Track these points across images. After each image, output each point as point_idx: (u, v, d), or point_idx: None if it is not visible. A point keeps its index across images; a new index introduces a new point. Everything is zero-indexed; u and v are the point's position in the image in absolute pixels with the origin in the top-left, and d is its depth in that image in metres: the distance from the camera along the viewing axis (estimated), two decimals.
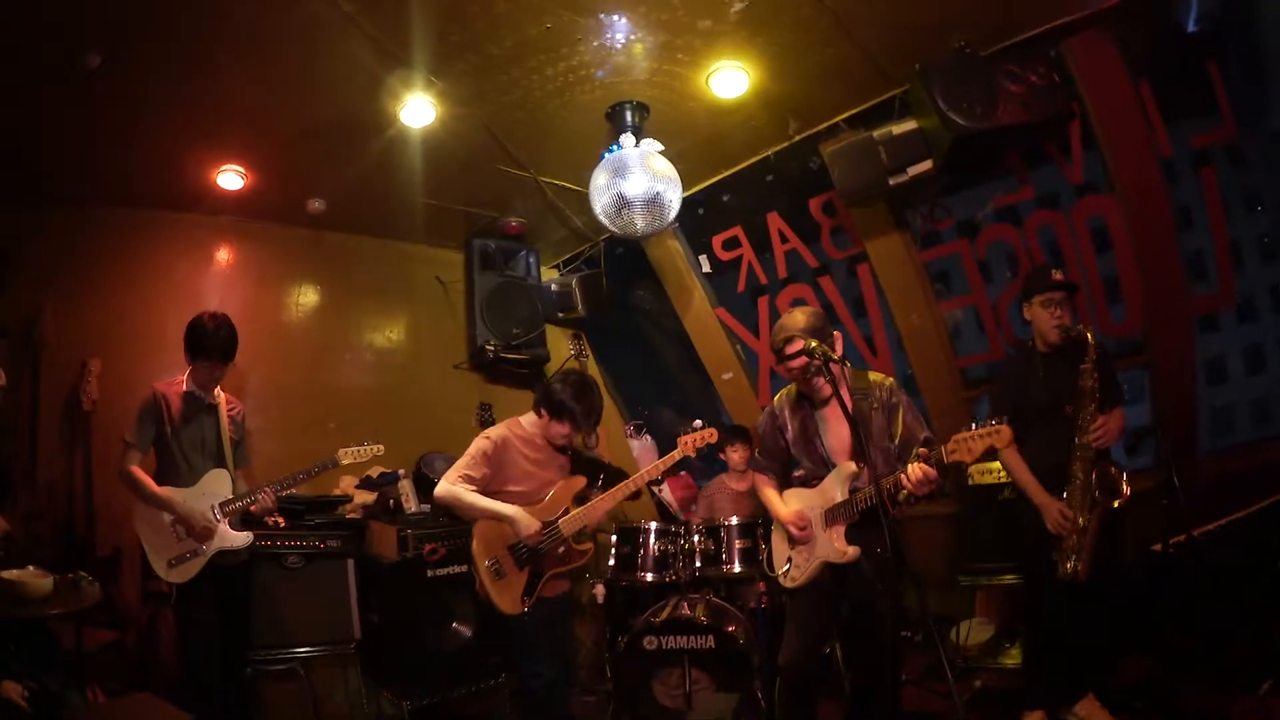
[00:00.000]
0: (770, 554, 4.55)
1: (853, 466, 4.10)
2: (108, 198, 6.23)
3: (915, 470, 3.74)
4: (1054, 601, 4.38)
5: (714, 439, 4.74)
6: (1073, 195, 5.83)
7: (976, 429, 3.59)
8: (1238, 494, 4.80)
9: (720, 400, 7.81)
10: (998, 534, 5.68)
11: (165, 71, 4.83)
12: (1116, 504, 4.18)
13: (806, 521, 4.20)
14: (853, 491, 4.07)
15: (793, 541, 4.30)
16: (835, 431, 4.23)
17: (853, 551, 4.03)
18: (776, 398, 4.54)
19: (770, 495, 4.48)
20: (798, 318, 4.18)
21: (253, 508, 4.93)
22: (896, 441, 4.16)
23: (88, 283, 6.19)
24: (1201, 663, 4.51)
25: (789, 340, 4.11)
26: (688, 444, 4.66)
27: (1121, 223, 5.55)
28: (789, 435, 4.37)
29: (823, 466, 4.24)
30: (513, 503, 4.46)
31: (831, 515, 4.12)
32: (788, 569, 4.32)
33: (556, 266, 8.23)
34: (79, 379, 5.79)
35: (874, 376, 4.30)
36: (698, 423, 4.73)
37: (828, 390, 4.09)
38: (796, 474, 4.40)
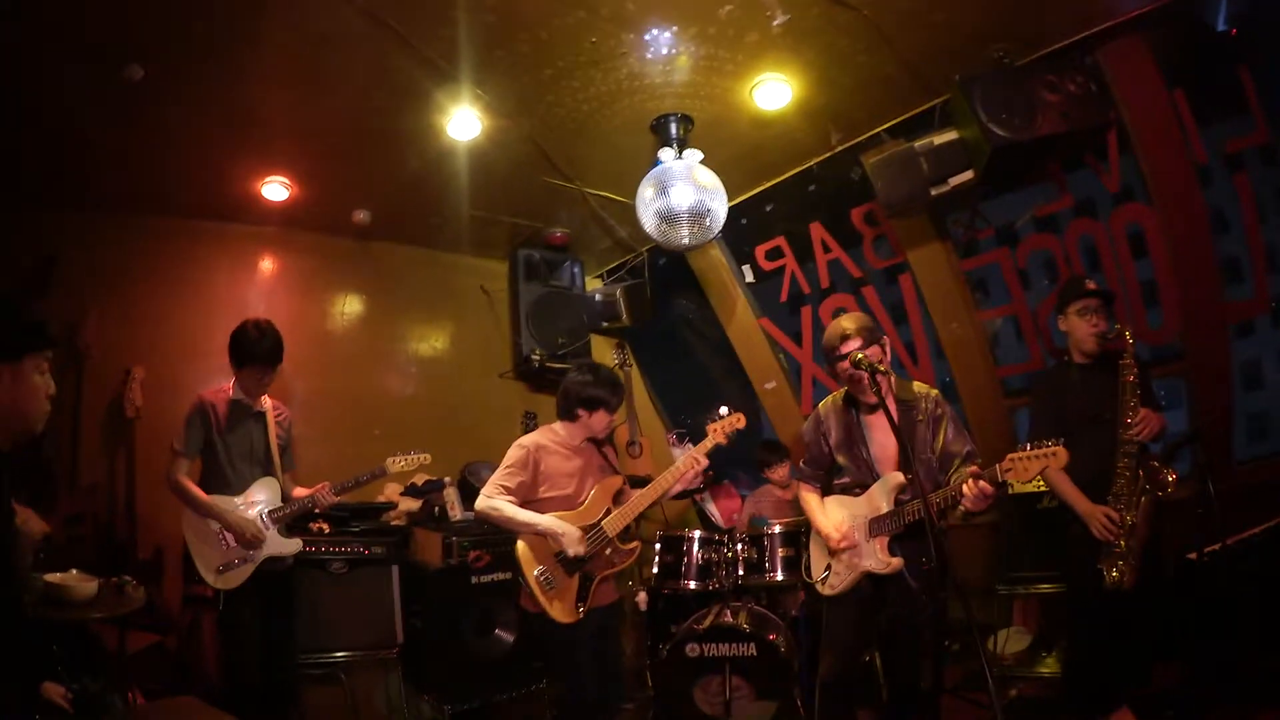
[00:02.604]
0: (809, 561, 4.57)
1: (900, 478, 4.09)
2: (153, 207, 6.34)
3: (972, 487, 3.70)
4: (1099, 613, 4.37)
5: (742, 424, 4.65)
6: (1111, 203, 5.80)
7: (1032, 449, 3.53)
8: (1274, 501, 4.75)
9: (763, 409, 7.82)
10: (1037, 543, 5.68)
11: (211, 84, 4.90)
12: (1163, 495, 4.17)
13: (847, 534, 4.22)
14: (899, 503, 4.07)
15: (831, 552, 4.31)
16: (880, 440, 4.24)
17: (897, 563, 4.04)
18: (822, 404, 4.55)
19: (813, 504, 4.50)
20: (852, 320, 4.22)
21: (317, 508, 5.03)
22: (937, 454, 4.16)
23: (132, 290, 6.29)
24: (1234, 673, 4.46)
25: (845, 338, 4.13)
26: (717, 430, 4.61)
27: (1158, 229, 5.54)
28: (833, 441, 4.38)
29: (868, 475, 4.24)
30: (554, 508, 4.45)
31: (876, 526, 4.12)
32: (826, 576, 4.33)
33: (601, 276, 8.30)
34: (122, 385, 5.89)
35: (919, 387, 4.30)
36: (724, 409, 4.67)
37: (874, 397, 4.07)
38: (839, 481, 4.41)
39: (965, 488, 3.72)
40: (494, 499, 4.42)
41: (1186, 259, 5.45)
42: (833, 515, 4.35)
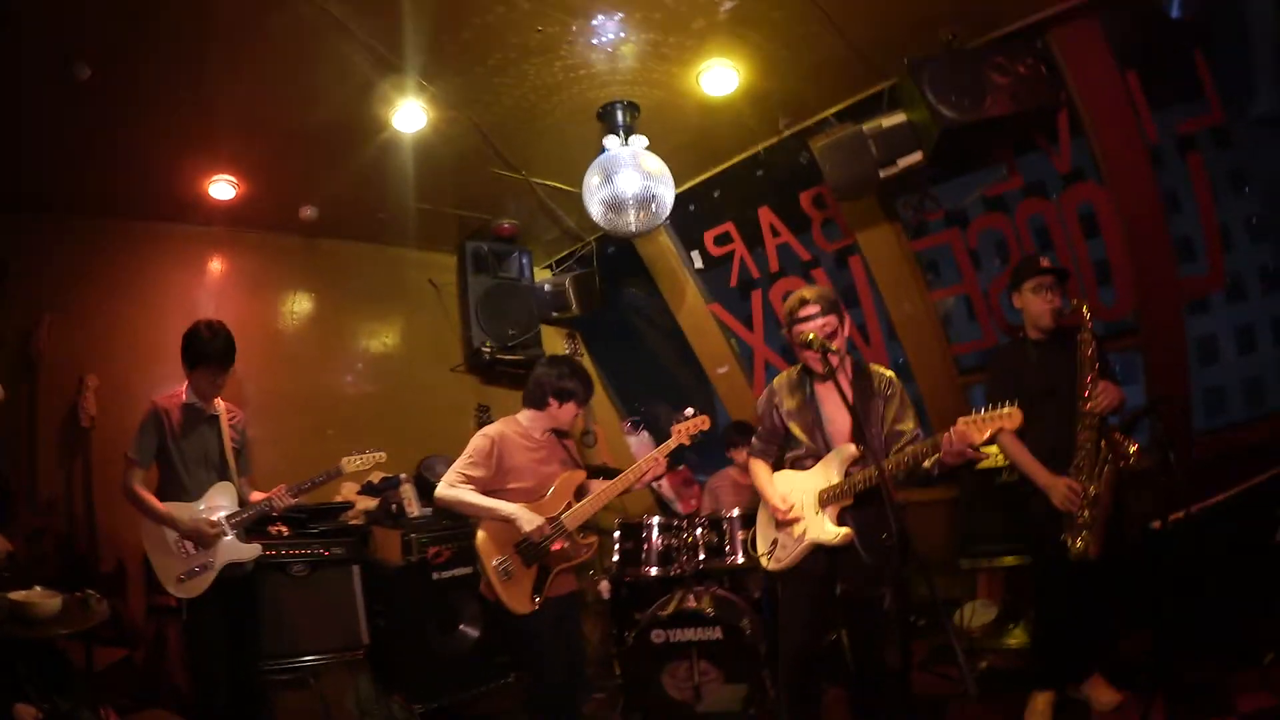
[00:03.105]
0: (754, 535, 4.56)
1: (853, 449, 4.08)
2: (100, 209, 6.23)
3: (955, 436, 3.63)
4: (1064, 583, 4.40)
5: (706, 426, 4.73)
6: (1061, 183, 5.87)
7: (986, 412, 3.58)
8: (1232, 472, 4.82)
9: (716, 394, 7.86)
10: (997, 516, 5.73)
11: (156, 80, 4.82)
12: (1125, 464, 4.19)
13: (793, 505, 4.19)
14: (848, 474, 4.07)
15: (779, 524, 4.29)
16: (832, 413, 4.22)
17: (846, 533, 4.01)
18: (777, 379, 4.53)
19: (763, 476, 4.46)
20: (811, 290, 4.22)
21: (274, 511, 4.96)
22: (885, 428, 4.18)
23: (82, 296, 6.17)
24: (1202, 637, 4.53)
25: (804, 304, 4.12)
26: (681, 432, 4.68)
27: (1110, 209, 5.60)
28: (785, 411, 4.36)
29: (822, 446, 4.22)
30: (515, 499, 4.44)
31: (826, 497, 4.10)
32: (772, 550, 4.32)
33: (549, 267, 8.27)
34: (76, 394, 5.78)
35: (875, 368, 4.32)
36: (689, 411, 4.75)
37: (819, 368, 4.11)
38: (792, 453, 4.39)
39: (951, 433, 3.66)
40: (455, 486, 4.41)
41: (1140, 237, 5.52)
42: (781, 487, 4.33)
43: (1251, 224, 39.39)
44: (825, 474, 4.15)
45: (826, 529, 4.07)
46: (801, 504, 4.20)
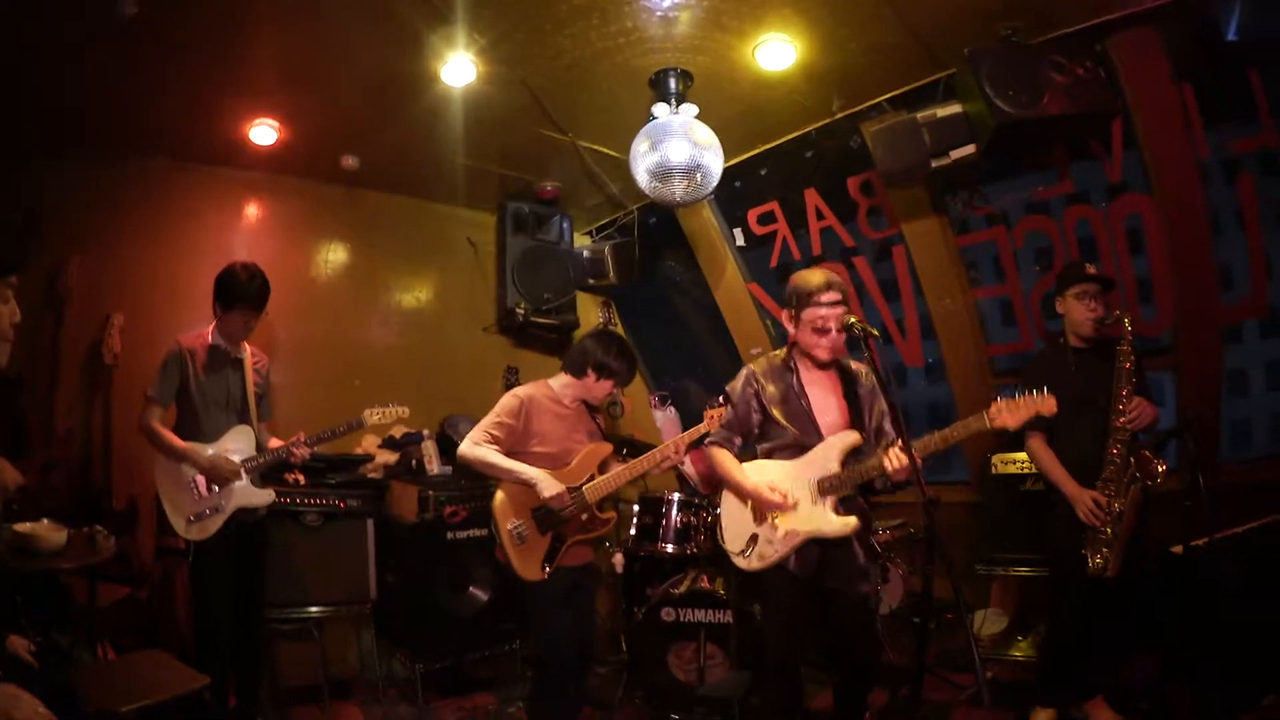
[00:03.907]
0: (722, 530, 4.31)
1: (855, 436, 3.94)
2: (138, 150, 6.18)
3: (893, 458, 3.64)
4: (1080, 598, 4.35)
5: None
6: (1111, 193, 5.77)
7: (1020, 396, 3.52)
8: (1254, 505, 4.76)
9: None
10: (1018, 525, 5.69)
11: (201, 22, 4.75)
12: (1151, 484, 4.14)
13: (787, 494, 3.98)
14: (846, 464, 3.91)
15: (759, 517, 4.10)
16: (822, 403, 4.08)
17: (853, 522, 3.88)
18: (755, 364, 4.31)
19: (732, 466, 4.22)
20: (823, 272, 4.08)
21: (291, 459, 4.92)
22: (874, 425, 4.09)
23: (113, 235, 6.15)
24: (1206, 669, 4.45)
25: (828, 287, 3.94)
26: (713, 418, 4.57)
27: (1157, 223, 5.51)
28: (768, 398, 4.16)
29: (812, 434, 4.04)
30: (538, 464, 4.39)
31: (826, 485, 3.93)
32: (751, 547, 4.10)
33: (589, 233, 8.19)
34: (101, 332, 5.76)
35: (854, 364, 4.22)
36: (722, 398, 4.67)
37: (828, 355, 4.00)
38: (773, 443, 4.17)
39: (890, 455, 3.65)
40: (480, 445, 4.37)
41: (1184, 254, 5.42)
42: (760, 477, 4.11)
43: None
44: (823, 462, 3.97)
45: (830, 519, 3.91)
46: (795, 494, 4.00)
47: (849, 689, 4.18)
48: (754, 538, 4.10)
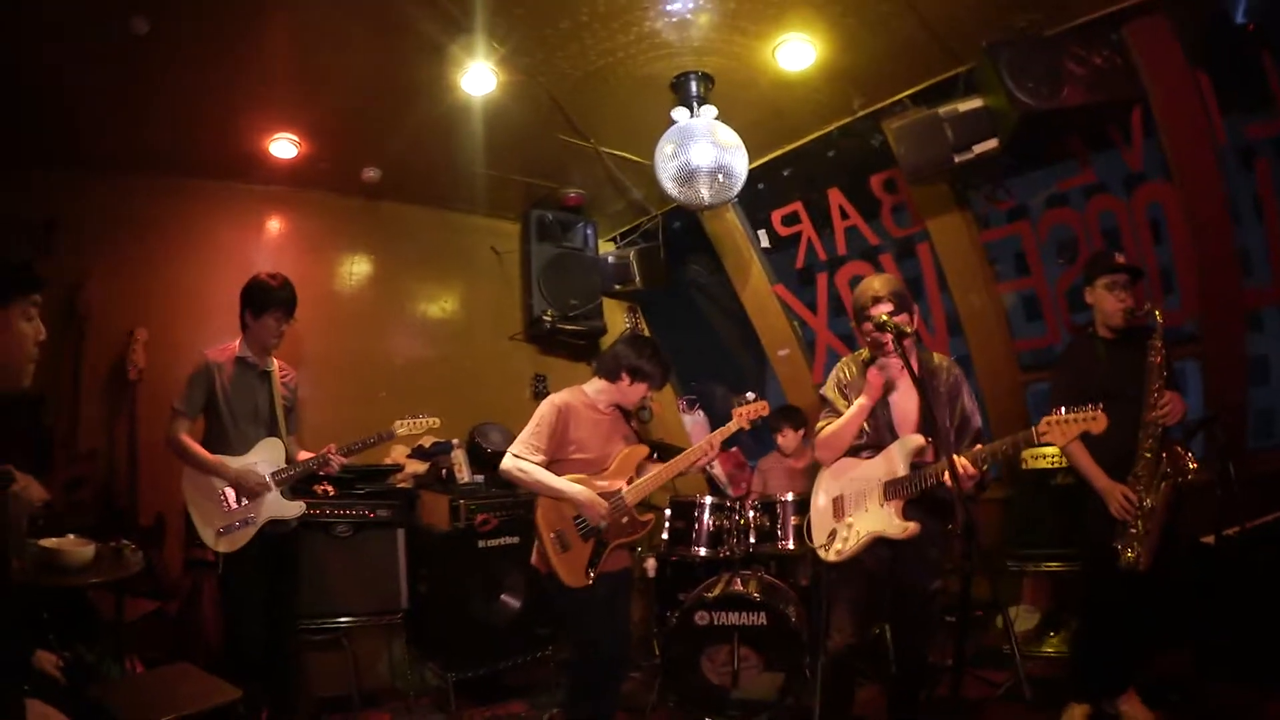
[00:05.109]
0: (809, 524, 4.47)
1: (920, 440, 4.01)
2: (158, 166, 6.22)
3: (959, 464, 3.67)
4: (1113, 593, 4.32)
5: (766, 411, 4.64)
6: (1134, 182, 5.75)
7: (1068, 412, 3.53)
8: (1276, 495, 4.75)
9: (776, 377, 7.77)
10: (1049, 520, 5.65)
11: (219, 37, 4.79)
12: (1183, 480, 4.09)
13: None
14: (916, 467, 3.99)
15: (838, 512, 4.24)
16: (900, 404, 4.18)
17: (913, 528, 3.94)
18: (842, 361, 4.49)
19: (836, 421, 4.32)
20: (884, 283, 4.16)
21: (322, 471, 4.95)
22: (955, 423, 4.13)
23: (135, 251, 6.19)
24: (1238, 658, 4.45)
25: (877, 301, 4.08)
26: (742, 415, 4.57)
27: (1179, 211, 5.49)
28: (853, 399, 4.26)
29: (886, 436, 4.17)
30: (577, 469, 4.41)
31: (892, 489, 4.03)
32: (831, 542, 4.24)
33: (614, 239, 8.20)
34: (125, 348, 5.80)
35: (939, 358, 4.29)
36: (750, 395, 4.67)
37: (897, 359, 4.01)
38: (854, 442, 4.30)
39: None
40: (523, 460, 4.37)
41: (1206, 241, 5.39)
42: (843, 476, 4.29)
43: None
44: (888, 464, 4.08)
45: (893, 523, 3.99)
46: (865, 494, 4.13)
47: (904, 686, 4.30)
48: (833, 533, 4.24)
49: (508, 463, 4.40)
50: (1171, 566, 4.23)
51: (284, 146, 6.12)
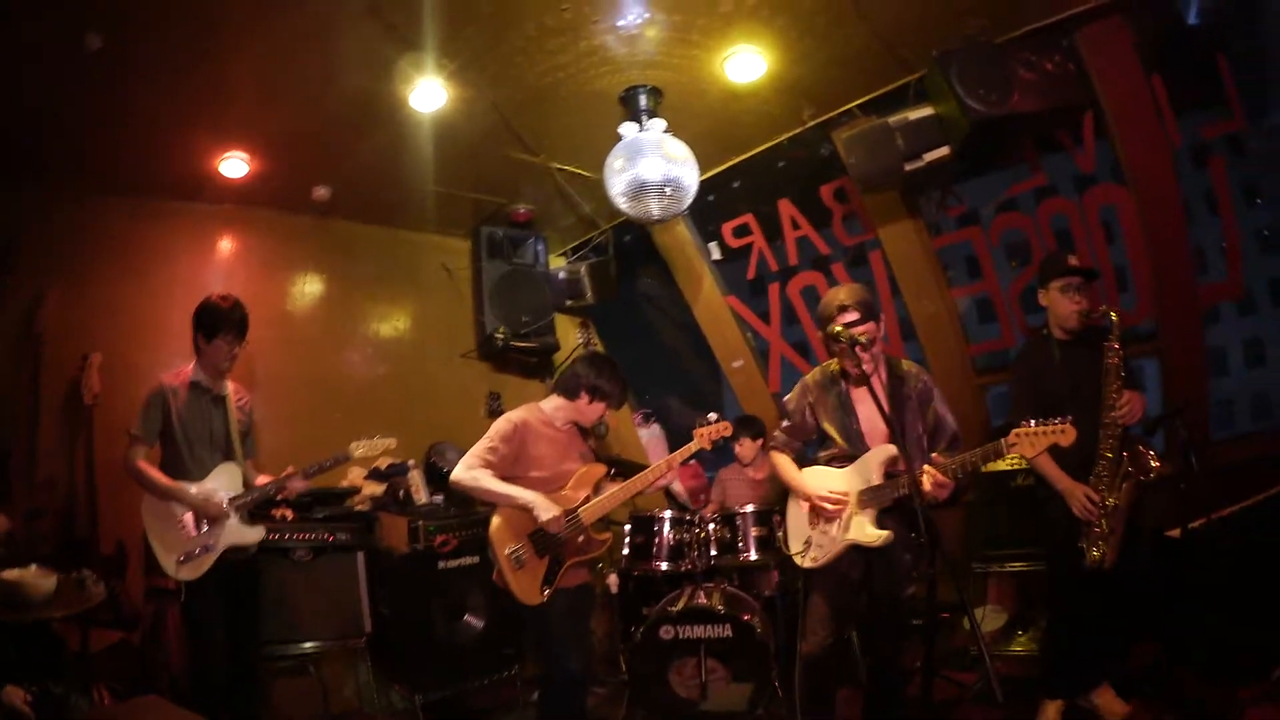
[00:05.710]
0: (786, 532, 4.49)
1: (892, 450, 4.02)
2: (112, 186, 6.13)
3: (929, 478, 3.78)
4: (1079, 591, 4.34)
5: (729, 432, 4.61)
6: (1084, 184, 5.84)
7: (1038, 425, 3.57)
8: (1241, 484, 4.83)
9: (730, 388, 7.78)
10: (1010, 521, 5.66)
11: (168, 55, 4.74)
12: (1146, 479, 4.12)
13: (839, 499, 4.13)
14: (889, 476, 4.03)
15: (814, 520, 4.25)
16: (867, 414, 4.19)
17: (886, 535, 3.97)
18: (810, 374, 4.49)
19: (791, 471, 4.41)
20: (850, 293, 4.17)
21: (281, 495, 4.89)
22: (928, 430, 4.18)
23: (88, 274, 6.09)
24: (1210, 649, 4.51)
25: (842, 309, 4.08)
26: (703, 436, 4.55)
27: (1132, 211, 5.55)
28: (821, 411, 4.33)
29: (858, 446, 4.19)
30: (533, 489, 4.35)
31: (866, 497, 4.06)
32: (807, 549, 4.26)
33: (564, 254, 8.17)
34: (80, 372, 5.68)
35: (907, 365, 4.32)
36: (713, 415, 4.63)
37: (868, 368, 4.02)
38: (824, 452, 4.35)
39: (924, 478, 3.77)
40: (474, 469, 4.33)
41: (1161, 241, 5.47)
42: (816, 483, 4.27)
43: (1263, 236, 39.35)
44: (863, 474, 4.12)
45: (867, 531, 4.03)
46: (843, 501, 4.16)
47: (882, 690, 4.33)
48: (809, 541, 4.27)
49: (458, 472, 4.36)
50: (1137, 561, 4.27)
51: (234, 165, 6.06)
